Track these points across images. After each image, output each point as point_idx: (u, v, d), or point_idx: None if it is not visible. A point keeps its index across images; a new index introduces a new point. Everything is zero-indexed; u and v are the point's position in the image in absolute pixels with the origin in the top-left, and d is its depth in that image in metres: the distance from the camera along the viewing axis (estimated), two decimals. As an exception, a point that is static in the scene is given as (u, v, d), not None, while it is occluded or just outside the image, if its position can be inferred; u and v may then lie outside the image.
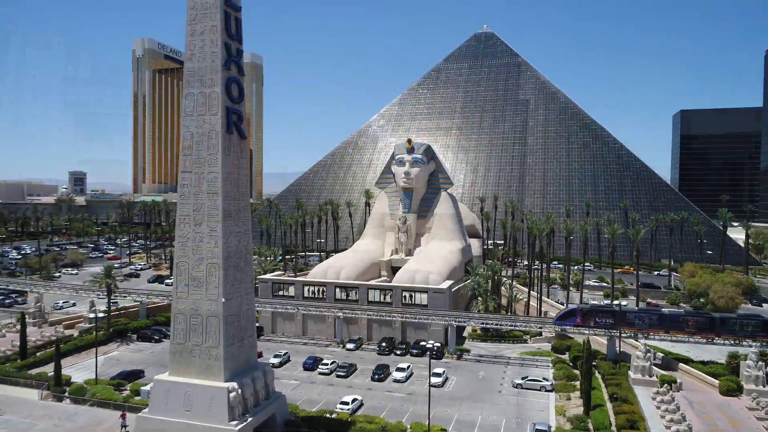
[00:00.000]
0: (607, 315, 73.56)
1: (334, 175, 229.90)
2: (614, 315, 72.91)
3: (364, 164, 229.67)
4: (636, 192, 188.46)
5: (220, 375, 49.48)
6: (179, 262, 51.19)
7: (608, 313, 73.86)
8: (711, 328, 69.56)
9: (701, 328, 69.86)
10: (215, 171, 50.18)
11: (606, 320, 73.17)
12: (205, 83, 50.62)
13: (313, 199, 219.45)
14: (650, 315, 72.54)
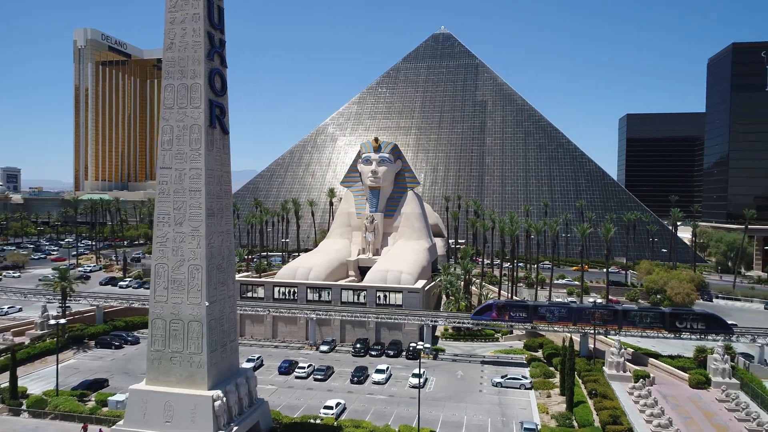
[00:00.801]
0: (520, 309, 76.91)
1: (292, 174, 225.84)
2: (527, 309, 76.56)
3: (324, 163, 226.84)
4: (590, 192, 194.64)
5: (203, 383, 46.87)
6: (158, 264, 48.14)
7: (522, 307, 77.34)
8: (614, 320, 73.41)
9: (606, 320, 73.63)
10: (198, 167, 47.50)
11: (520, 314, 76.54)
12: (187, 74, 47.82)
13: (272, 198, 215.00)
14: (560, 308, 76.06)
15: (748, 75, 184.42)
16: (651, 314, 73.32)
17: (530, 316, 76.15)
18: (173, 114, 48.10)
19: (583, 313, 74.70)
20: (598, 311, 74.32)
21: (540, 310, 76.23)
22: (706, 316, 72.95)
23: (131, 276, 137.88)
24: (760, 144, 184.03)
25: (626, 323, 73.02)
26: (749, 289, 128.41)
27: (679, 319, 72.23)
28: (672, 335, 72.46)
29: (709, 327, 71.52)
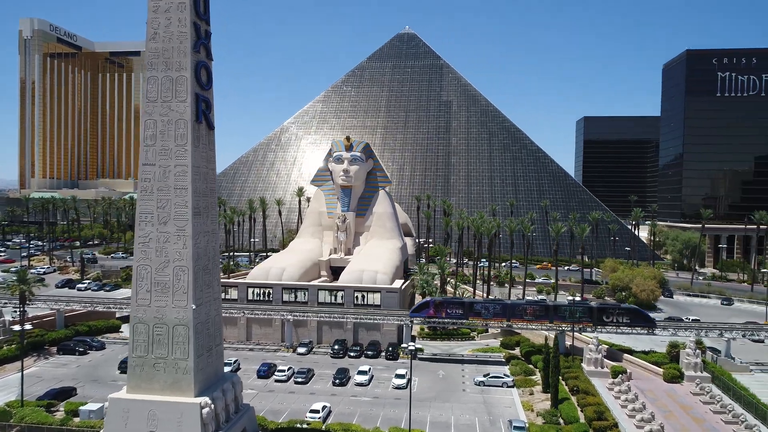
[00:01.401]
0: (457, 306, 78.58)
1: (256, 173, 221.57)
2: (463, 306, 78.44)
3: (289, 161, 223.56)
4: (552, 193, 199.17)
5: (189, 390, 44.78)
6: (140, 266, 45.68)
7: (458, 304, 79.03)
8: (546, 315, 76.20)
9: (538, 316, 76.36)
10: (183, 164, 45.35)
11: (456, 311, 78.20)
12: (172, 66, 45.57)
13: (235, 197, 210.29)
14: (494, 305, 78.25)
15: (701, 81, 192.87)
16: (580, 309, 76.29)
17: (466, 312, 78.05)
18: (157, 108, 45.75)
19: (516, 308, 77.43)
20: (530, 307, 77.30)
21: (475, 306, 78.23)
22: (631, 310, 76.86)
23: (89, 278, 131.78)
24: (712, 147, 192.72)
25: (557, 318, 76.11)
26: (706, 286, 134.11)
27: (606, 313, 75.56)
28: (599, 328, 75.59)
29: (633, 321, 75.01)
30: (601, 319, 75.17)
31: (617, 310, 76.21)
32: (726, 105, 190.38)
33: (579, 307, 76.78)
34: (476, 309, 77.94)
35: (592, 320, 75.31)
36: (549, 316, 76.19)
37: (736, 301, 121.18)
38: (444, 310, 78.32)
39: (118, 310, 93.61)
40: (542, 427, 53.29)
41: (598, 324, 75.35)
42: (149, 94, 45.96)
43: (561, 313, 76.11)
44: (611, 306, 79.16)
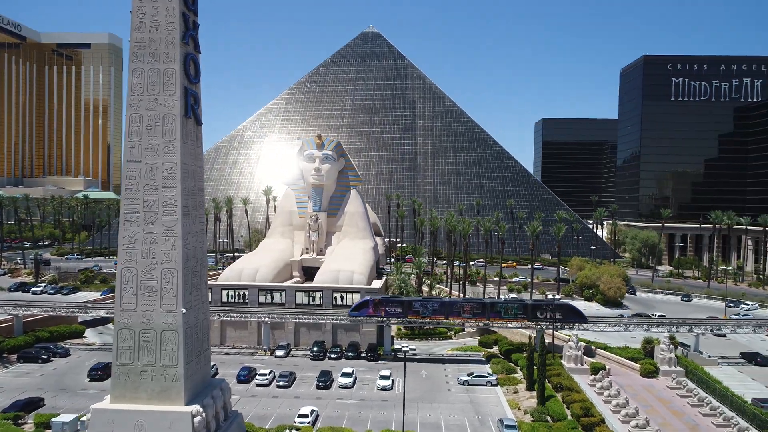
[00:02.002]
0: (396, 305, 78.90)
1: (218, 171, 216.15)
2: (402, 304, 78.88)
3: (253, 159, 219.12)
4: (516, 193, 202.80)
5: (179, 398, 42.66)
6: (125, 268, 43.21)
7: (397, 302, 79.25)
8: (482, 312, 78.05)
9: (475, 313, 78.01)
10: (172, 161, 43.17)
11: (395, 309, 78.63)
12: (159, 58, 43.27)
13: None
14: (433, 303, 79.25)
15: (657, 85, 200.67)
16: (515, 306, 78.48)
17: (405, 311, 78.56)
18: (143, 101, 43.34)
19: (453, 306, 78.66)
20: (467, 305, 78.65)
21: (414, 305, 78.85)
22: (563, 306, 79.89)
23: (45, 281, 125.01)
24: (667, 149, 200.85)
25: (493, 315, 78.07)
26: (666, 283, 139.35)
27: (539, 309, 77.77)
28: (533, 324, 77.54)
29: (566, 317, 77.54)
30: (535, 315, 77.32)
31: (550, 306, 78.56)
32: (680, 109, 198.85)
33: (514, 304, 79.05)
34: (415, 307, 78.63)
35: (527, 316, 77.43)
36: (485, 313, 78.04)
37: (694, 297, 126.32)
38: (383, 308, 78.53)
39: (81, 314, 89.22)
40: (533, 425, 53.65)
41: (532, 320, 77.33)
42: (134, 87, 43.46)
43: (497, 310, 77.94)
44: (545, 303, 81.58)
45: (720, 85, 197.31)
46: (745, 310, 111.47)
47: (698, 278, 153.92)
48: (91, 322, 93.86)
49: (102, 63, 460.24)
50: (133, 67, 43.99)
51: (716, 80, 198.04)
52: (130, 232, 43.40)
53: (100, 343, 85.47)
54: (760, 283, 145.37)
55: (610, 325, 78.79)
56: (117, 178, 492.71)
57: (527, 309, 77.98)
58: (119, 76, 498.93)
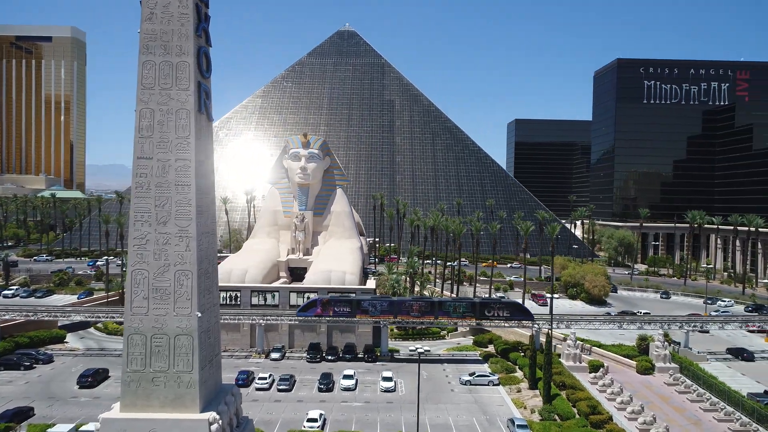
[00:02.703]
0: (344, 304, 78.18)
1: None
2: (351, 304, 78.17)
3: (228, 158, 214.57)
4: (495, 192, 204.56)
5: (194, 405, 40.92)
6: (135, 270, 41.09)
7: (346, 302, 78.51)
8: (431, 311, 78.32)
9: (424, 312, 78.29)
10: (186, 158, 41.36)
11: (343, 309, 77.86)
12: (172, 51, 41.41)
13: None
14: (381, 302, 78.66)
15: (630, 88, 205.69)
16: (464, 304, 78.73)
17: (353, 310, 77.81)
18: (154, 96, 41.36)
19: (402, 305, 78.41)
20: (416, 303, 78.71)
21: (363, 304, 78.17)
22: (511, 304, 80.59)
23: (15, 283, 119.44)
24: (640, 150, 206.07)
25: (441, 314, 78.27)
26: (644, 281, 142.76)
27: (487, 308, 78.39)
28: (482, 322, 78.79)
29: (513, 314, 78.26)
30: (484, 314, 77.90)
31: (498, 304, 79.50)
32: (651, 112, 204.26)
33: (462, 303, 79.17)
34: (363, 307, 77.89)
35: (475, 315, 77.93)
36: (434, 312, 78.17)
37: (672, 294, 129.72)
38: (331, 308, 77.67)
39: (61, 318, 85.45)
40: (544, 425, 53.76)
41: (480, 318, 77.96)
42: (144, 81, 41.44)
43: (445, 309, 78.13)
44: (493, 301, 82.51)
45: (689, 88, 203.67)
46: (722, 307, 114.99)
47: (672, 276, 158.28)
48: (70, 327, 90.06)
49: (64, 57, 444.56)
50: (143, 60, 41.92)
51: (686, 84, 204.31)
52: (141, 232, 41.34)
53: (83, 348, 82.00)
54: (731, 281, 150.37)
55: (604, 323, 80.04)
56: (81, 176, 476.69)
57: (475, 308, 78.18)
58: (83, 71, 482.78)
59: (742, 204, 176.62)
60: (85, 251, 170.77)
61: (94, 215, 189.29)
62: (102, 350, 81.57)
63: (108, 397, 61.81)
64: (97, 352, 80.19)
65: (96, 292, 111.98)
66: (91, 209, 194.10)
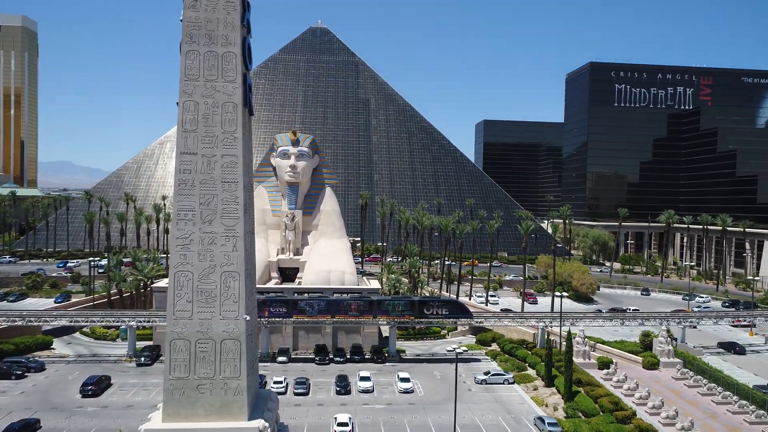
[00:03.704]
0: (280, 304, 76.69)
1: (164, 166, 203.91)
2: (287, 304, 76.67)
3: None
4: (472, 192, 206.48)
5: (242, 413, 39.16)
6: (179, 272, 38.97)
7: (282, 302, 77.02)
8: (370, 310, 77.36)
9: (362, 311, 77.18)
10: (233, 154, 39.57)
11: (280, 309, 76.27)
12: (217, 41, 39.48)
13: (141, 193, 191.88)
14: (319, 302, 77.14)
15: (602, 91, 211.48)
16: (402, 303, 78.33)
17: (290, 310, 76.20)
18: (198, 88, 39.36)
19: (340, 305, 77.11)
20: (354, 303, 77.36)
21: (300, 304, 76.67)
22: (450, 302, 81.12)
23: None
24: (611, 152, 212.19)
25: (380, 312, 77.16)
26: (623, 278, 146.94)
27: (426, 306, 78.40)
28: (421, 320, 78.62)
29: (452, 312, 78.55)
30: (423, 312, 77.67)
31: (437, 302, 79.31)
32: (622, 114, 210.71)
33: (401, 302, 78.73)
34: (300, 306, 76.22)
35: (414, 313, 77.62)
36: (373, 311, 77.10)
37: (651, 291, 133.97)
38: (266, 309, 75.40)
39: (50, 323, 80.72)
40: (573, 422, 54.13)
41: (420, 317, 77.69)
42: (188, 71, 39.34)
43: (384, 308, 77.34)
44: (431, 299, 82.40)
45: (657, 92, 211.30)
46: (700, 303, 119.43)
47: (647, 273, 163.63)
48: (52, 332, 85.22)
49: (14, 48, 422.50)
50: (187, 50, 39.76)
51: (654, 88, 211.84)
52: (185, 231, 39.21)
53: (74, 355, 77.59)
54: (701, 277, 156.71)
55: (608, 321, 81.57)
56: (32, 174, 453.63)
57: (414, 306, 77.74)
58: (34, 63, 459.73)
59: (706, 204, 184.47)
60: (51, 252, 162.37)
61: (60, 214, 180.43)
62: (95, 356, 77.39)
63: (116, 406, 58.73)
64: (90, 359, 76.02)
65: (74, 295, 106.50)
66: (56, 207, 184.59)
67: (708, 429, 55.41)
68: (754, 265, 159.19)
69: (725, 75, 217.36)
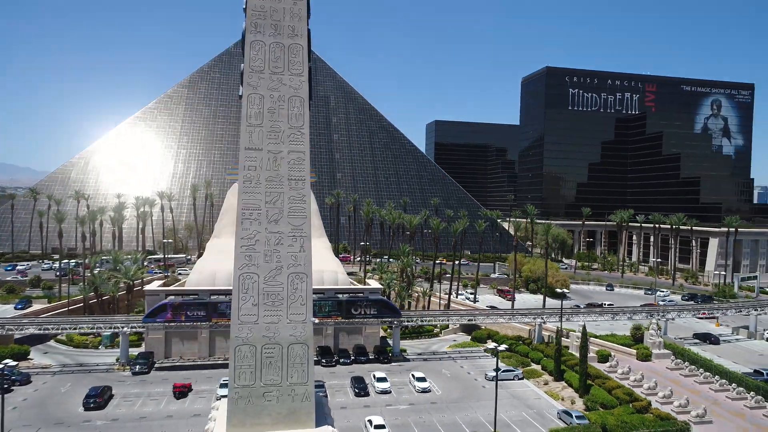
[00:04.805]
0: (199, 307, 73.59)
1: (117, 161, 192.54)
2: (206, 307, 73.71)
3: (159, 148, 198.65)
4: (434, 192, 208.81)
5: (309, 419, 37.67)
6: (244, 274, 36.99)
7: (201, 305, 73.97)
8: None
9: None
10: (300, 150, 38.00)
11: (198, 313, 73.29)
12: (283, 31, 37.77)
13: (90, 190, 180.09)
14: None
15: (558, 95, 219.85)
16: (330, 303, 76.86)
17: (209, 314, 73.40)
18: (264, 80, 37.44)
19: None
20: None
21: (220, 306, 74.12)
22: (378, 302, 79.80)
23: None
24: (566, 153, 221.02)
25: None
26: (586, 275, 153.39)
27: (354, 306, 77.56)
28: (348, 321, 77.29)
29: (380, 312, 78.31)
30: (350, 312, 76.79)
31: (365, 302, 78.22)
32: (575, 117, 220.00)
33: (329, 302, 77.20)
34: (221, 309, 73.44)
35: (341, 313, 76.40)
36: None
37: (614, 286, 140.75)
38: (183, 312, 72.45)
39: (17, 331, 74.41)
40: (599, 414, 55.97)
41: (347, 317, 76.59)
42: (253, 63, 37.33)
43: None
44: (359, 299, 79.85)
45: (607, 97, 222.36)
46: (662, 297, 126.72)
47: (603, 270, 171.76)
48: (32, 339, 78.76)
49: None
50: (251, 39, 37.68)
51: (604, 93, 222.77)
52: (250, 231, 37.21)
53: (57, 365, 71.96)
54: (653, 273, 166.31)
55: (601, 316, 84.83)
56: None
57: (341, 306, 76.32)
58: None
59: (653, 204, 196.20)
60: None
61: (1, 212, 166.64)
62: (81, 365, 72.10)
63: (127, 419, 55.06)
64: (78, 368, 70.78)
65: (35, 301, 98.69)
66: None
67: (716, 415, 58.88)
68: (697, 261, 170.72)
69: (667, 83, 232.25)
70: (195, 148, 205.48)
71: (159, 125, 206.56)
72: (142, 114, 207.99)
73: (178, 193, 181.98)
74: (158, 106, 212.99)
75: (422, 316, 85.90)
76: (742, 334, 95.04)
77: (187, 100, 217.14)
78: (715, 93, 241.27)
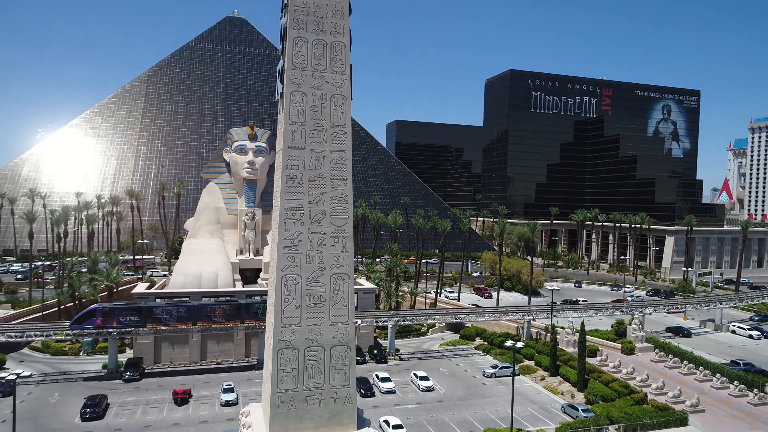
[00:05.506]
0: (132, 312, 69.90)
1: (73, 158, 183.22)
2: (140, 312, 70.08)
3: (118, 144, 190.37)
4: (401, 191, 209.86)
5: (351, 422, 37.37)
6: (286, 275, 36.18)
7: (134, 310, 70.26)
8: (237, 315, 72.61)
9: (228, 316, 72.24)
10: (342, 149, 37.57)
11: (131, 318, 69.50)
12: (325, 28, 37.16)
13: (43, 188, 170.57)
14: (178, 308, 71.26)
15: (521, 97, 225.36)
16: (227, 308, 73.39)
17: (144, 319, 69.62)
18: (307, 78, 36.75)
19: (203, 310, 71.82)
20: (219, 307, 72.52)
21: (155, 311, 70.39)
22: None
23: None
24: (530, 155, 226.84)
25: (249, 317, 72.74)
26: (554, 272, 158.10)
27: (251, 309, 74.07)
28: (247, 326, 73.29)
29: None
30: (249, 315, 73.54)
31: (265, 305, 73.41)
32: (538, 119, 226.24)
33: (227, 306, 73.62)
34: (156, 314, 69.91)
35: (240, 317, 73.13)
36: (241, 315, 72.50)
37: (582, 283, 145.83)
38: (115, 318, 68.42)
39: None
40: (604, 406, 58.00)
41: (246, 320, 73.39)
42: (296, 60, 36.55)
43: (254, 312, 72.98)
44: (257, 303, 75.42)
45: (567, 100, 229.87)
46: (628, 293, 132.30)
47: (567, 267, 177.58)
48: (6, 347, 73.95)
49: None
50: (294, 36, 36.85)
51: (564, 96, 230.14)
52: (292, 232, 36.42)
53: (38, 374, 68.00)
54: (614, 269, 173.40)
55: (586, 312, 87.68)
56: None
57: (240, 310, 73.15)
58: None
59: (611, 204, 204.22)
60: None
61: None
62: (64, 374, 68.43)
63: (131, 428, 52.76)
64: (62, 377, 67.14)
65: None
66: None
67: (706, 404, 62.09)
68: (653, 258, 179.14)
69: (622, 87, 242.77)
70: (156, 144, 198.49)
71: (117, 120, 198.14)
72: (99, 108, 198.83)
73: (140, 192, 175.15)
74: (115, 100, 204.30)
75: (417, 315, 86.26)
76: (709, 327, 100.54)
77: (147, 95, 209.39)
78: (666, 98, 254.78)
